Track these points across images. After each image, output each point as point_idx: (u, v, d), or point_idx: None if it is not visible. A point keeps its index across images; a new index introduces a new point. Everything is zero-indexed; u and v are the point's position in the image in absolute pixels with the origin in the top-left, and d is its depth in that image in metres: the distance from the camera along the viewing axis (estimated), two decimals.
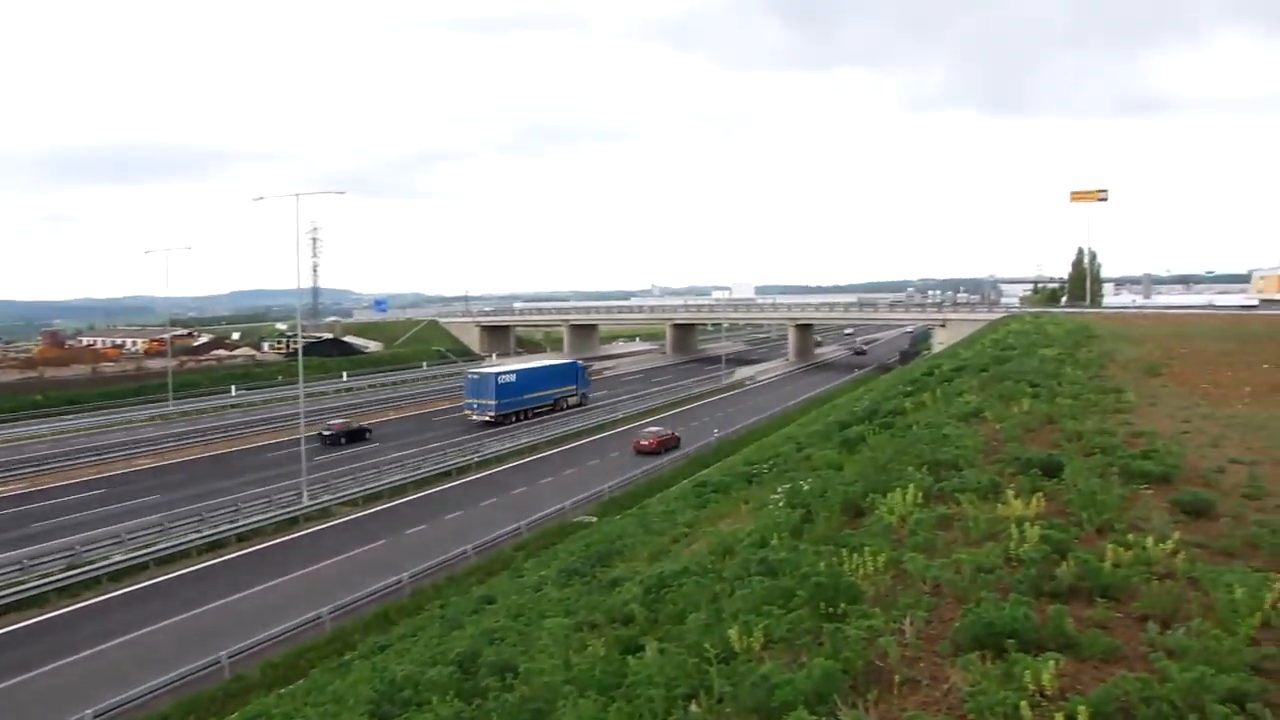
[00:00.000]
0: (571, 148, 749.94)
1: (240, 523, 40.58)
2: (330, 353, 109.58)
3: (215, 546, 38.53)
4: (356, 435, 65.18)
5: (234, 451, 60.93)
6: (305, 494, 44.57)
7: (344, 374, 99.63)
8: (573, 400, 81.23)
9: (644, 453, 58.45)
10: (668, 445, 59.75)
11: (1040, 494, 11.24)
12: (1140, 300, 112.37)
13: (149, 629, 29.44)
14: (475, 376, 76.07)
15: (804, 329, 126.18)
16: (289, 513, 42.80)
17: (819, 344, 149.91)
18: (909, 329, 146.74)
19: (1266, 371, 27.81)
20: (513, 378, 75.57)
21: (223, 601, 32.08)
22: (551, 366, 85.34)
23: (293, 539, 40.46)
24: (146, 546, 36.92)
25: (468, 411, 72.74)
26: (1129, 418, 18.61)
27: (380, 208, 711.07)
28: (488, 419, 70.50)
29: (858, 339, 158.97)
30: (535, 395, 76.59)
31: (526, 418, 73.21)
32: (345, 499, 45.87)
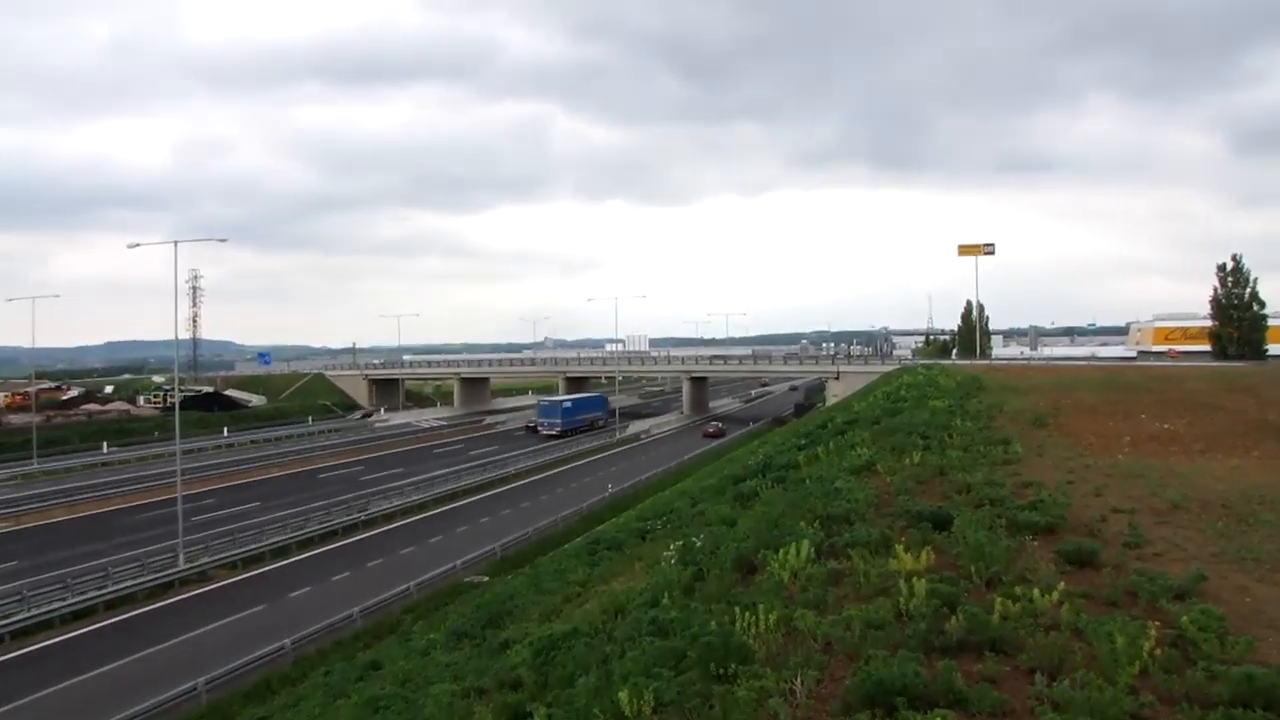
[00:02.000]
0: (464, 200, 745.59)
1: (109, 589, 38.76)
2: (211, 407, 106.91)
3: (81, 615, 36.71)
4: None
5: (105, 513, 58.38)
6: (181, 557, 42.93)
7: (225, 429, 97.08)
8: (600, 424, 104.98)
9: (709, 436, 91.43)
10: (721, 434, 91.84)
11: (930, 547, 11.44)
12: (1027, 352, 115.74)
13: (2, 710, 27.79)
14: (545, 403, 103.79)
15: (699, 382, 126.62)
16: (163, 577, 41.10)
17: (765, 384, 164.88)
18: (803, 381, 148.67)
19: (1144, 421, 28.97)
20: (570, 404, 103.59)
21: (88, 675, 30.46)
22: (590, 397, 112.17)
23: (167, 605, 38.84)
24: (4, 617, 34.98)
25: (540, 428, 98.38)
26: (1017, 469, 19.14)
27: (267, 258, 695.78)
28: (554, 433, 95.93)
29: (798, 384, 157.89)
30: (582, 417, 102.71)
31: (576, 434, 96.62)
32: (224, 561, 44.33)
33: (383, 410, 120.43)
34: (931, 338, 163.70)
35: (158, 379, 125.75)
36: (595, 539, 35.81)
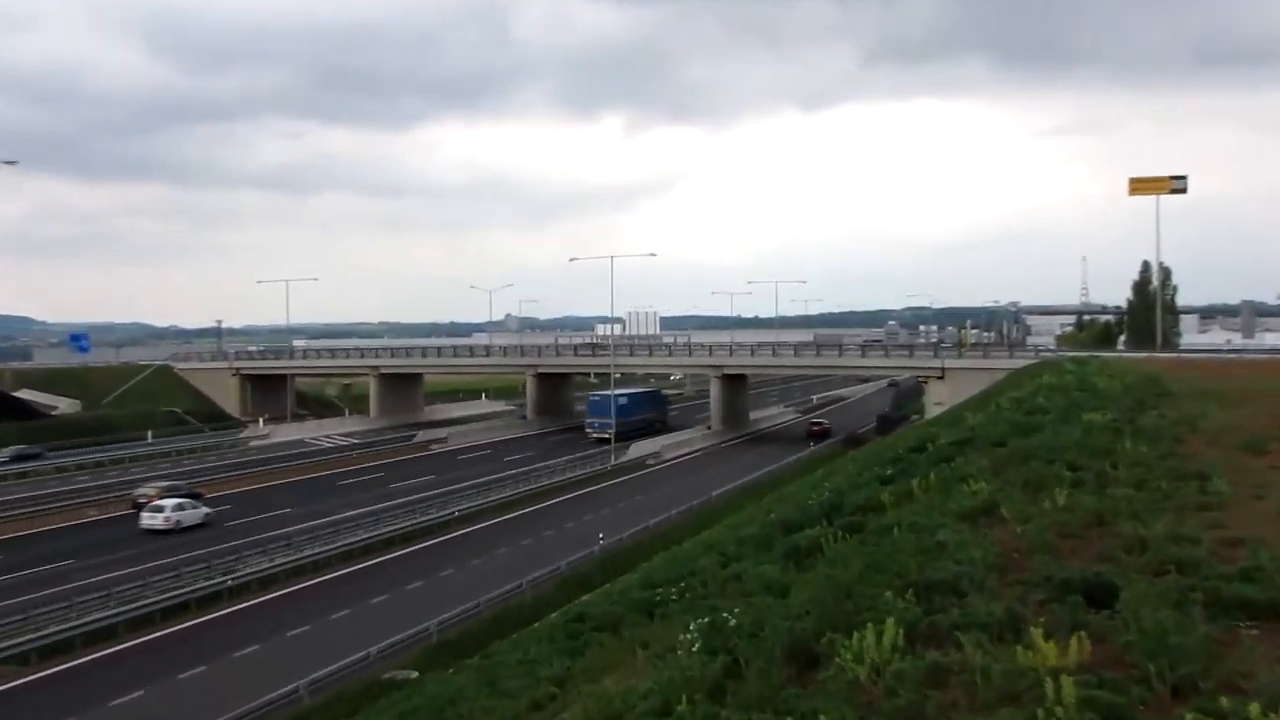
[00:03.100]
0: (387, 110, 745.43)
1: None
2: None
3: None
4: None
5: None
6: None
7: (13, 449, 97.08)
8: (660, 426, 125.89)
9: (813, 436, 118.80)
10: (827, 434, 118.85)
11: (1084, 633, 11.28)
12: (1238, 340, 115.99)
13: None
14: (596, 398, 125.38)
15: (734, 381, 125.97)
16: None
17: (864, 380, 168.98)
18: (903, 380, 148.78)
19: None
20: (626, 401, 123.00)
21: None
22: (649, 393, 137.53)
23: None
24: None
25: (589, 431, 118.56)
26: (1220, 517, 18.94)
27: (87, 191, 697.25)
28: (607, 436, 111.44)
29: (899, 380, 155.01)
30: (640, 418, 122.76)
31: (633, 437, 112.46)
32: (9, 653, 43.82)
33: (262, 421, 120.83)
34: (1087, 319, 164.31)
35: None
36: (579, 614, 35.83)
